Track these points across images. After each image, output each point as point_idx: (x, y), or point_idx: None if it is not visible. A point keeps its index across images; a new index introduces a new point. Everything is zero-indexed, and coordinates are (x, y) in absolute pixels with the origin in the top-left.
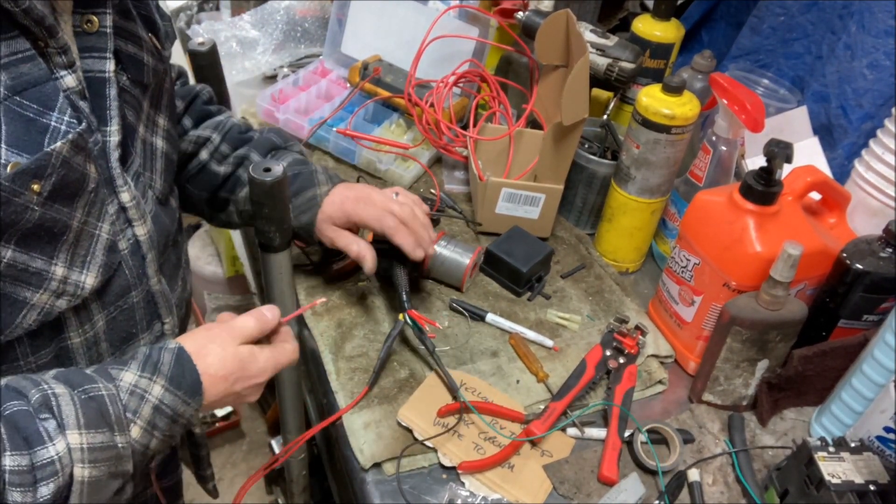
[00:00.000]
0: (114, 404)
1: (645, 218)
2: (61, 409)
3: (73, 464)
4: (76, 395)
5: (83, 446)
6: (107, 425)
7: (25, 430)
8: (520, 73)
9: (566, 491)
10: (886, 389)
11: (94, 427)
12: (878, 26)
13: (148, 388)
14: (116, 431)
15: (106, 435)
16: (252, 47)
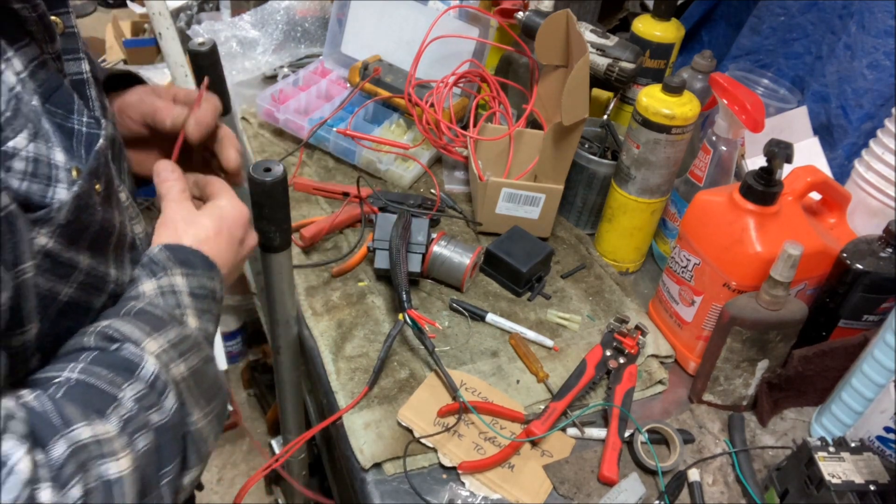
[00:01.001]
0: (157, 308)
1: (645, 218)
2: (122, 331)
3: (168, 367)
4: (122, 318)
5: (164, 347)
6: (168, 324)
7: (117, 364)
8: (520, 73)
9: (566, 491)
10: (886, 389)
11: (159, 329)
12: (878, 26)
13: (172, 283)
14: (179, 326)
15: (173, 331)
16: (252, 47)
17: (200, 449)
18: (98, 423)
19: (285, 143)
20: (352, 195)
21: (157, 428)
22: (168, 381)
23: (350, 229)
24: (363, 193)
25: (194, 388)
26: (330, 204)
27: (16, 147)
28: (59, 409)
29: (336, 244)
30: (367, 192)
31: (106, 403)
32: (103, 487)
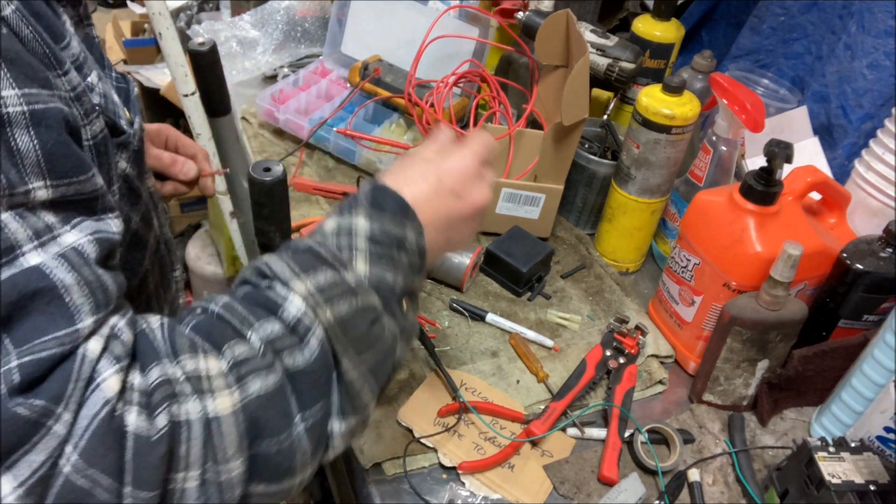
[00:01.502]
0: (321, 247)
1: (645, 218)
2: (273, 268)
3: (316, 309)
4: (281, 254)
5: (313, 289)
6: (325, 265)
7: (261, 301)
8: (520, 73)
9: (566, 491)
10: (886, 389)
11: (314, 270)
12: (878, 26)
13: (352, 224)
14: (339, 269)
15: (328, 273)
16: (252, 47)
17: (354, 400)
18: (207, 359)
19: (285, 143)
20: (352, 195)
21: (291, 371)
22: (313, 325)
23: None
24: None
25: (346, 334)
26: (330, 204)
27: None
28: (173, 338)
29: None
30: None
31: (226, 340)
32: (195, 421)
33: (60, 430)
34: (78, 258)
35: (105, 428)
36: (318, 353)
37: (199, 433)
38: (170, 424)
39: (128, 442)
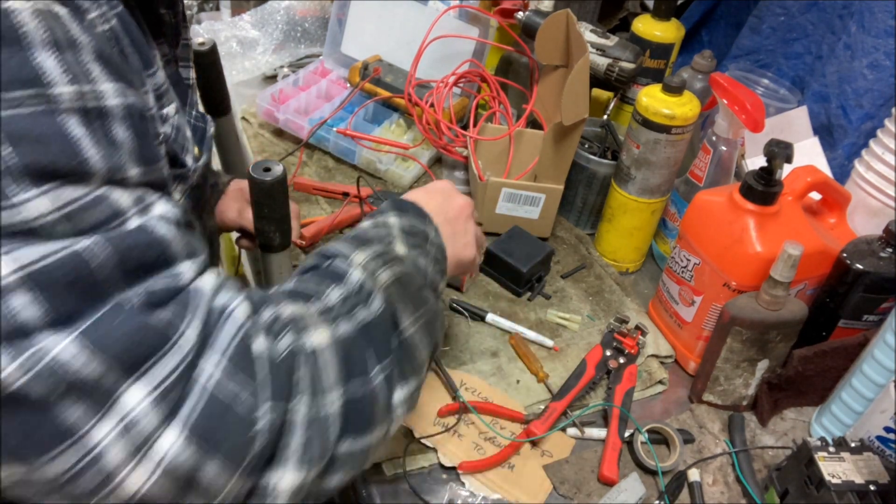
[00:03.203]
0: (367, 233)
1: (645, 218)
2: (334, 248)
3: (374, 274)
4: (336, 241)
5: (368, 258)
6: (374, 242)
7: (327, 274)
8: (520, 73)
9: (566, 491)
10: (886, 389)
11: (366, 245)
12: (878, 26)
13: (384, 220)
14: (385, 244)
15: (378, 247)
16: (252, 47)
17: (413, 358)
18: (301, 305)
19: (285, 143)
20: (352, 195)
21: (363, 323)
22: (374, 287)
23: (350, 229)
24: (363, 193)
25: (401, 293)
26: (330, 204)
27: (168, 113)
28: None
29: None
30: (367, 192)
31: (309, 297)
32: (307, 352)
33: (186, 345)
34: (170, 220)
35: (242, 347)
36: (383, 309)
37: (308, 362)
38: (289, 349)
39: (260, 362)
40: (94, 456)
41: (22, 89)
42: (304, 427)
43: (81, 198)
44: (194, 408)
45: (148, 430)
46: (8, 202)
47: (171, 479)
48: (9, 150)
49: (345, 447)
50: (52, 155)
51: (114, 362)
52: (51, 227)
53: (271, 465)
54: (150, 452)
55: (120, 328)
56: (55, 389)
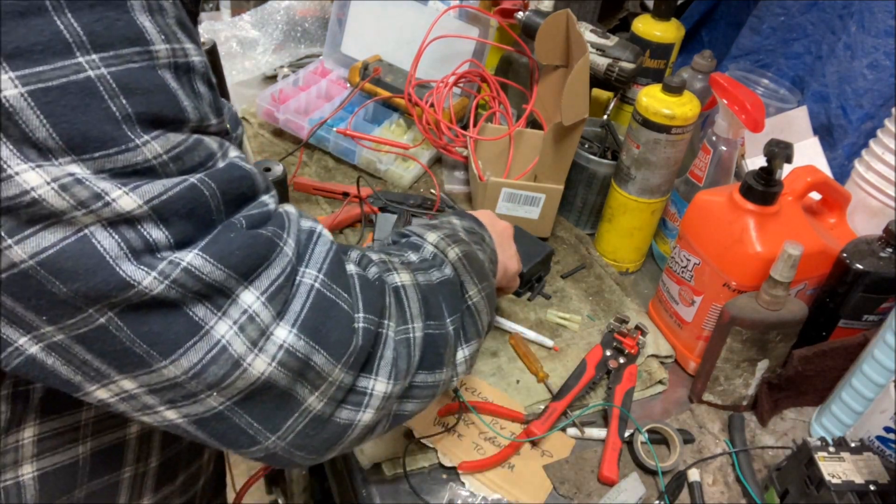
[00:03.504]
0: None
1: (645, 218)
2: (410, 229)
3: (445, 250)
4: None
5: (440, 237)
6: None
7: (404, 244)
8: (520, 73)
9: (566, 491)
10: (886, 389)
11: (436, 228)
12: (878, 26)
13: (449, 220)
14: (452, 230)
15: (447, 229)
16: (252, 47)
17: (476, 322)
18: (385, 255)
19: (285, 143)
20: (352, 195)
21: (438, 280)
22: (445, 259)
23: (350, 229)
24: (363, 193)
25: (468, 266)
26: (330, 204)
27: None
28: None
29: None
30: (367, 192)
31: (391, 254)
32: (392, 286)
33: (290, 252)
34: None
35: (337, 261)
36: (453, 275)
37: (394, 293)
38: (378, 277)
39: (353, 279)
40: (221, 348)
41: (130, 47)
42: (394, 344)
43: (183, 142)
44: (302, 308)
45: (263, 324)
46: (130, 144)
47: (287, 366)
48: (124, 101)
49: (420, 378)
50: (158, 105)
51: (234, 269)
52: (163, 166)
53: (367, 370)
54: (268, 344)
55: (236, 241)
56: (187, 294)
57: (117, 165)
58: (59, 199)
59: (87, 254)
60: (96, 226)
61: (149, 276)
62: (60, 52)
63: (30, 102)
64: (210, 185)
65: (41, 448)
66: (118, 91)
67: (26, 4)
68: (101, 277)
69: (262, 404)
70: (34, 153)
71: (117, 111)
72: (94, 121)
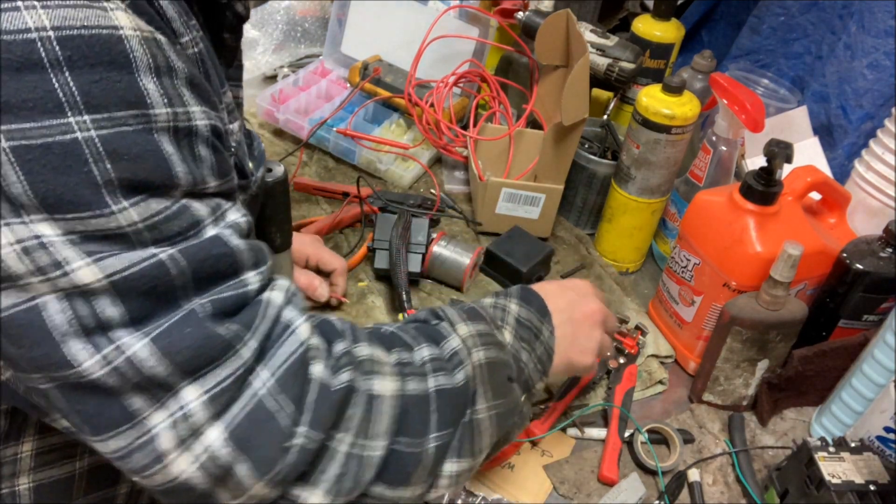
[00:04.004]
0: (483, 311)
1: (645, 218)
2: (446, 312)
3: (470, 350)
4: (453, 306)
5: (472, 333)
6: (484, 321)
7: (428, 332)
8: (520, 73)
9: (566, 491)
10: (886, 389)
11: (476, 320)
12: (878, 26)
13: (505, 304)
14: (493, 328)
15: (486, 326)
16: (252, 47)
17: (475, 440)
18: (379, 351)
19: (285, 143)
20: (352, 195)
21: (438, 389)
22: (465, 361)
23: (350, 229)
24: (363, 193)
25: (487, 378)
26: (330, 204)
27: (233, 129)
28: (353, 329)
29: (336, 244)
30: (367, 192)
31: (396, 345)
32: (366, 394)
33: (246, 354)
34: (241, 230)
35: (298, 365)
36: (462, 384)
37: (364, 403)
38: (348, 384)
39: (312, 385)
40: (148, 439)
41: (127, 109)
42: (343, 461)
43: (166, 209)
44: (240, 412)
45: (197, 424)
46: (105, 210)
47: (208, 471)
48: (108, 166)
49: (377, 490)
50: (146, 170)
51: (179, 367)
52: (137, 234)
53: (303, 483)
54: (195, 444)
55: (189, 338)
56: (126, 382)
57: (88, 229)
58: (19, 262)
59: (34, 325)
60: (50, 296)
61: (91, 360)
62: (50, 111)
63: (10, 158)
64: (179, 264)
65: (39, 462)
66: (104, 155)
67: (23, 60)
68: (43, 351)
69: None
70: (7, 208)
71: (99, 175)
72: (73, 184)
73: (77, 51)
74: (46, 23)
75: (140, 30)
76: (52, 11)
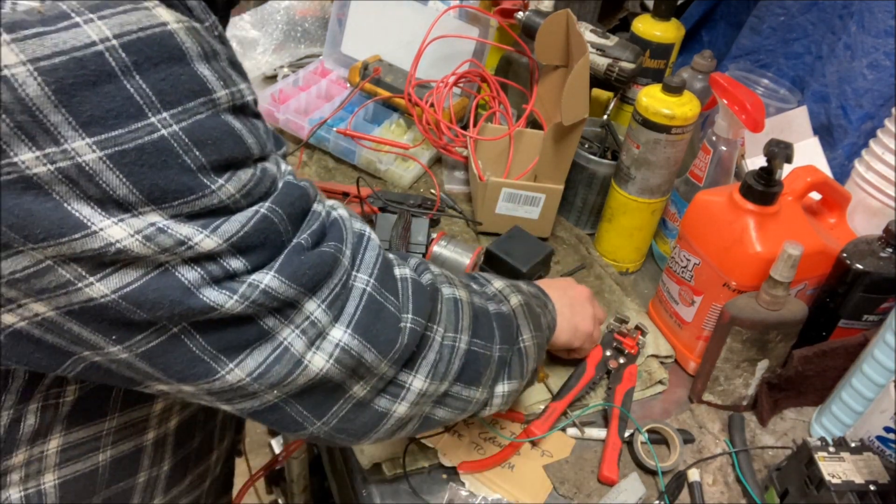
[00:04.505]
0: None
1: (645, 218)
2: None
3: (507, 296)
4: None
5: (505, 285)
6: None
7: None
8: (520, 73)
9: (566, 491)
10: (886, 389)
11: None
12: (878, 26)
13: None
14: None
15: (511, 285)
16: (252, 47)
17: (523, 363)
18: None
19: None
20: (352, 195)
21: (496, 312)
22: (505, 301)
23: None
24: (363, 193)
25: (527, 314)
26: None
27: None
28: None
29: None
30: (367, 192)
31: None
32: (449, 296)
33: (346, 262)
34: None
35: (385, 264)
36: (509, 313)
37: (449, 302)
38: (432, 284)
39: (405, 282)
40: (283, 349)
41: (195, 99)
42: (438, 348)
43: (252, 177)
44: (355, 310)
45: (322, 327)
46: (207, 190)
47: (342, 363)
48: (197, 153)
49: (455, 389)
50: (228, 149)
51: (303, 287)
52: (237, 203)
53: (409, 366)
54: (325, 343)
55: (305, 263)
56: (262, 309)
57: (195, 209)
58: (144, 247)
59: (171, 286)
60: (179, 263)
61: (231, 300)
62: (134, 115)
63: (109, 165)
64: (278, 212)
65: (64, 457)
66: (191, 145)
67: (97, 72)
68: (186, 305)
69: (313, 396)
70: (116, 209)
71: (192, 163)
72: (173, 175)
73: (140, 54)
74: (108, 33)
75: (181, 21)
76: (110, 20)
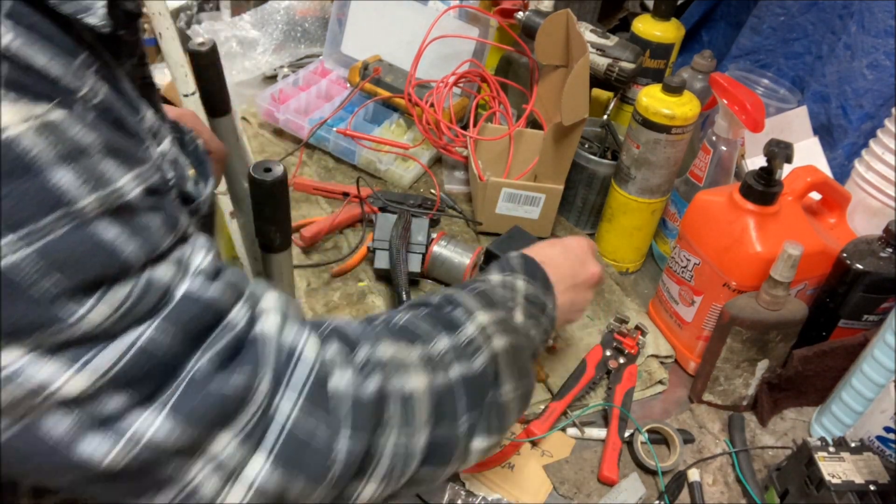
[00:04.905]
0: (493, 294)
1: (645, 218)
2: (460, 299)
3: (491, 337)
4: (466, 291)
5: (491, 321)
6: (498, 307)
7: (443, 320)
8: (520, 73)
9: (566, 491)
10: (886, 389)
11: (490, 307)
12: (878, 26)
13: (513, 282)
14: (507, 312)
15: (500, 313)
16: (252, 47)
17: (502, 421)
18: (402, 347)
19: (285, 143)
20: (352, 195)
21: (462, 376)
22: (483, 347)
23: (350, 229)
24: (363, 193)
25: (510, 362)
26: (330, 204)
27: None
28: (372, 331)
29: (336, 244)
30: (367, 192)
31: (415, 339)
32: (399, 394)
33: (265, 387)
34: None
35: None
36: (482, 369)
37: (400, 403)
38: (379, 390)
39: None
40: (192, 489)
41: (49, 214)
42: (391, 457)
43: (131, 292)
44: (276, 440)
45: (237, 460)
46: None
47: (266, 496)
48: (57, 277)
49: (422, 472)
50: (95, 267)
51: (206, 426)
52: (113, 325)
53: (358, 480)
54: (241, 478)
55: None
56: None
57: (60, 340)
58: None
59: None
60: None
61: (112, 452)
62: None
63: None
64: (168, 330)
65: None
66: (45, 270)
67: None
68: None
69: None
70: None
71: (50, 289)
72: (22, 308)
73: None
74: None
75: (31, 118)
76: None
